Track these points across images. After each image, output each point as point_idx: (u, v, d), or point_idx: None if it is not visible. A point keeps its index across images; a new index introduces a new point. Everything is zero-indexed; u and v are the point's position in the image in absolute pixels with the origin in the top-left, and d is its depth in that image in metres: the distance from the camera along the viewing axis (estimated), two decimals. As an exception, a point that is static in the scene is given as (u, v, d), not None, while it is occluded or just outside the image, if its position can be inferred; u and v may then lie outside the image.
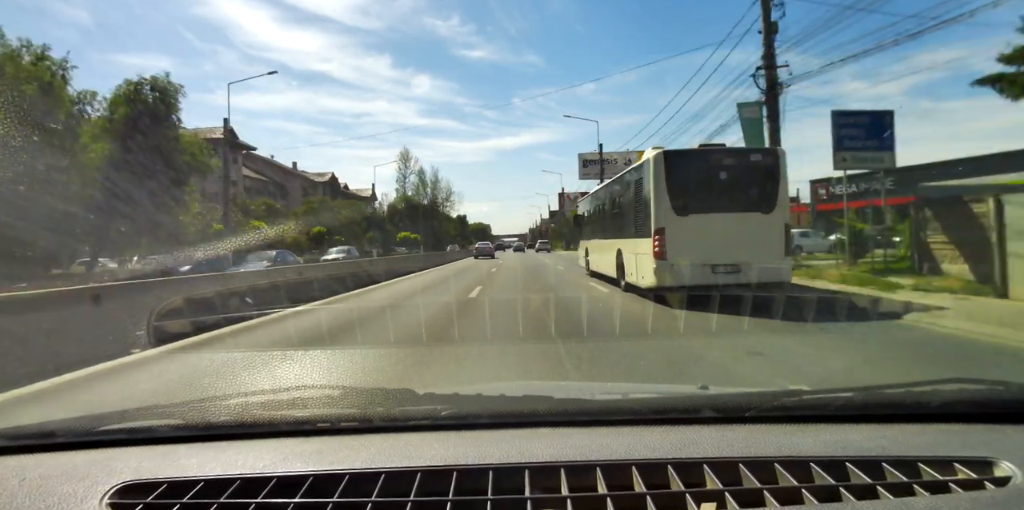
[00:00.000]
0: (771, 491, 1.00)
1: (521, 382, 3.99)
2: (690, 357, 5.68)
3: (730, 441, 1.18)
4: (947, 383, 1.40)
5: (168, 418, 1.40)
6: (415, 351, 6.18)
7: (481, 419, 1.34)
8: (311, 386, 2.08)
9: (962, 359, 5.66)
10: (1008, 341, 6.35)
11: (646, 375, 4.76)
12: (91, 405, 4.63)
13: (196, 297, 8.50)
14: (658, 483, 1.05)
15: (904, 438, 1.22)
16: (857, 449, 1.14)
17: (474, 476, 1.07)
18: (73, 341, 6.30)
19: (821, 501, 0.98)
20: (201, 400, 1.52)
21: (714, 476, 1.06)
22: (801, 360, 5.61)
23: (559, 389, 2.01)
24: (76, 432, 1.33)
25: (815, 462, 1.08)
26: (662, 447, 1.15)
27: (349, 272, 16.95)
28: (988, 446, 1.15)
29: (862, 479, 1.04)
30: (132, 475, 1.11)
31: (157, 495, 1.06)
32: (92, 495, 1.05)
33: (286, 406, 1.46)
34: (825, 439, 1.20)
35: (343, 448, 1.20)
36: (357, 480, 1.07)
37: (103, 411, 1.42)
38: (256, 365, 5.83)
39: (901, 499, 0.97)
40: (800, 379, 4.68)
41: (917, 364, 5.46)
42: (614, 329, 7.37)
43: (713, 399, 1.44)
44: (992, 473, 1.06)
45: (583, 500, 1.00)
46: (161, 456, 1.21)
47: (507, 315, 8.80)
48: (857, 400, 1.36)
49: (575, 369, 5.03)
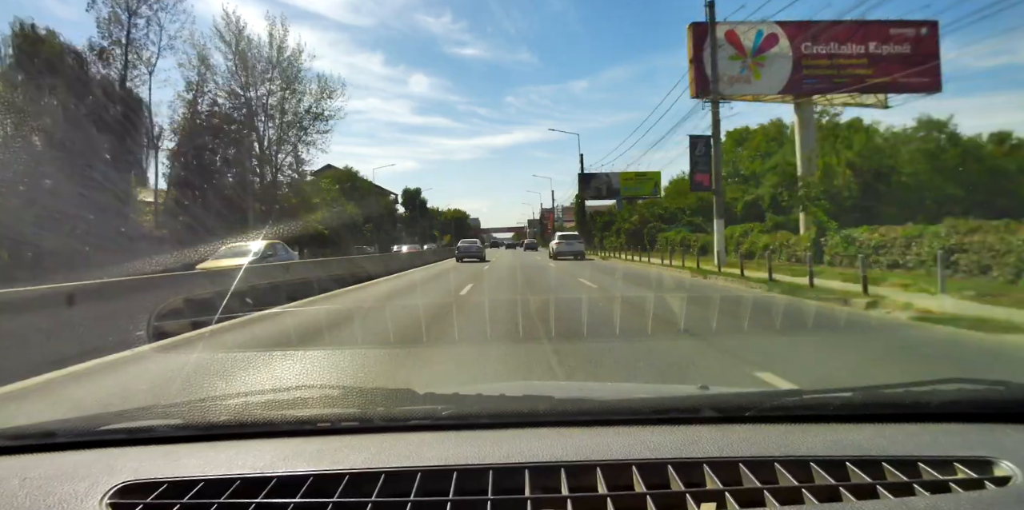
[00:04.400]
0: (771, 491, 1.00)
1: (521, 382, 4.00)
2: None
3: (730, 441, 1.18)
4: (946, 383, 1.41)
5: (168, 418, 1.40)
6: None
7: (481, 419, 1.34)
8: (311, 386, 2.08)
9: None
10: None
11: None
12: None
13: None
14: (658, 483, 1.05)
15: (904, 438, 1.22)
16: (857, 449, 1.14)
17: (474, 476, 1.07)
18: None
19: (821, 501, 0.98)
20: (201, 400, 1.52)
21: (714, 476, 1.06)
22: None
23: (559, 389, 2.01)
24: (76, 432, 1.33)
25: (815, 462, 1.08)
26: (662, 447, 1.15)
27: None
28: (988, 446, 1.15)
29: (862, 479, 1.05)
30: (132, 475, 1.11)
31: (157, 495, 1.06)
32: (92, 495, 1.05)
33: (286, 406, 1.46)
34: (825, 439, 1.20)
35: (343, 448, 1.20)
36: (357, 480, 1.07)
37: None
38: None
39: (901, 499, 0.98)
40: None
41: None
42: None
43: (713, 399, 1.44)
44: (992, 473, 1.06)
45: (583, 500, 1.00)
46: (161, 456, 1.21)
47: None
48: (857, 400, 1.36)
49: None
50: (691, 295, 11.57)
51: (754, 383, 4.47)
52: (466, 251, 32.77)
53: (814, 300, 10.25)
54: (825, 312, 9.15)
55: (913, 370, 5.15)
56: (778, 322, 7.98)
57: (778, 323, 7.91)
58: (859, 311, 9.17)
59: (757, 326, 7.66)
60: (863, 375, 4.87)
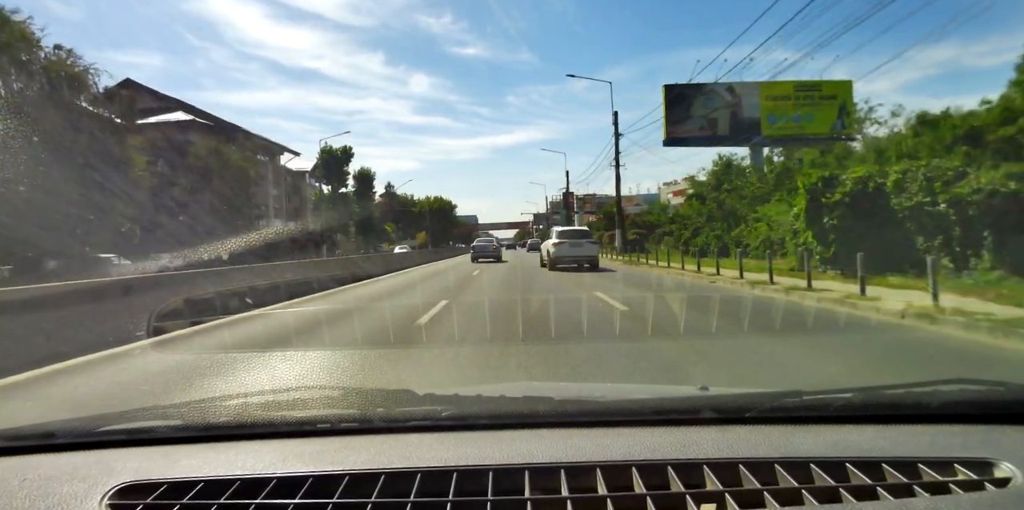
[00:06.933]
0: (771, 492, 1.00)
1: (521, 383, 3.99)
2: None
3: (730, 442, 1.18)
4: (947, 384, 1.41)
5: (168, 419, 1.40)
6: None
7: (481, 420, 1.34)
8: (311, 387, 2.08)
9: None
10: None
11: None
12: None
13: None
14: (658, 484, 1.05)
15: (904, 439, 1.22)
16: (857, 450, 1.14)
17: (474, 477, 1.07)
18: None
19: (821, 502, 0.98)
20: (201, 401, 1.52)
21: (714, 477, 1.06)
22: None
23: (559, 390, 2.01)
24: (76, 433, 1.33)
25: (815, 463, 1.08)
26: (662, 448, 1.15)
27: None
28: (988, 447, 1.15)
29: (862, 480, 1.04)
30: (132, 476, 1.11)
31: (157, 496, 1.06)
32: (92, 496, 1.05)
33: (286, 407, 1.46)
34: (825, 440, 1.20)
35: (343, 449, 1.20)
36: (357, 481, 1.07)
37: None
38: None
39: (901, 500, 0.97)
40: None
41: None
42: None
43: (713, 400, 1.44)
44: (992, 474, 1.06)
45: (583, 501, 1.00)
46: (161, 457, 1.21)
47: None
48: (857, 401, 1.36)
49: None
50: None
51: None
52: (482, 251, 31.98)
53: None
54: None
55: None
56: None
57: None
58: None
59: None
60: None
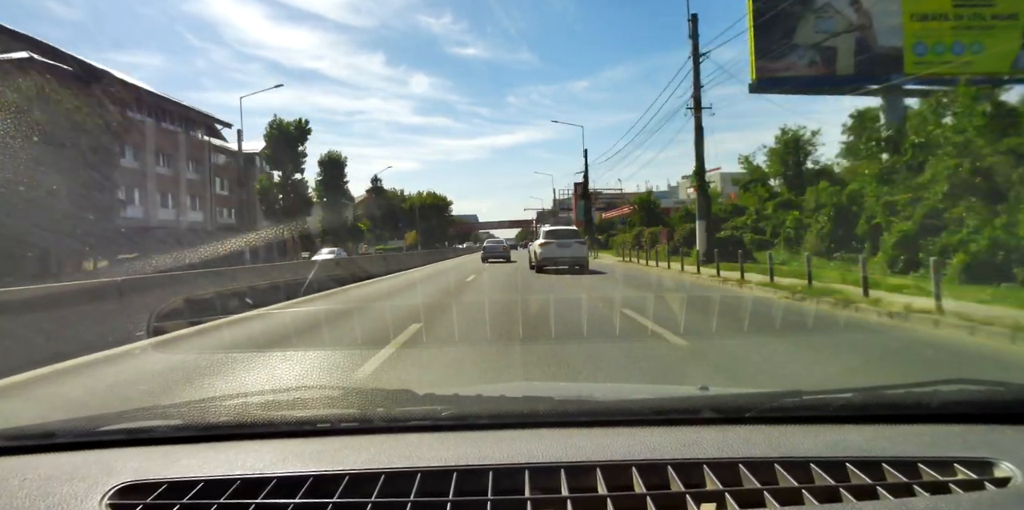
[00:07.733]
0: (771, 492, 1.00)
1: (521, 383, 4.00)
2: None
3: (730, 442, 1.18)
4: (947, 384, 1.41)
5: (168, 418, 1.40)
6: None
7: (481, 420, 1.34)
8: (311, 386, 2.08)
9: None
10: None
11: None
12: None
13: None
14: (658, 484, 1.05)
15: (904, 439, 1.22)
16: (857, 450, 1.14)
17: (474, 477, 1.07)
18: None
19: (821, 502, 0.98)
20: (201, 400, 1.52)
21: (714, 477, 1.06)
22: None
23: (559, 390, 2.01)
24: (76, 432, 1.33)
25: (815, 463, 1.08)
26: (662, 448, 1.15)
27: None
28: (988, 447, 1.15)
29: (862, 480, 1.04)
30: (132, 475, 1.11)
31: (157, 495, 1.06)
32: (92, 495, 1.05)
33: (286, 407, 1.46)
34: (825, 440, 1.20)
35: (343, 448, 1.20)
36: (357, 480, 1.07)
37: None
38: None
39: (901, 500, 0.97)
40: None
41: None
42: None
43: (713, 400, 1.44)
44: (992, 474, 1.06)
45: (583, 501, 1.00)
46: (161, 456, 1.21)
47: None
48: (857, 401, 1.36)
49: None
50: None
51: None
52: (492, 251, 35.10)
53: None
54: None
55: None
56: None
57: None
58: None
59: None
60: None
